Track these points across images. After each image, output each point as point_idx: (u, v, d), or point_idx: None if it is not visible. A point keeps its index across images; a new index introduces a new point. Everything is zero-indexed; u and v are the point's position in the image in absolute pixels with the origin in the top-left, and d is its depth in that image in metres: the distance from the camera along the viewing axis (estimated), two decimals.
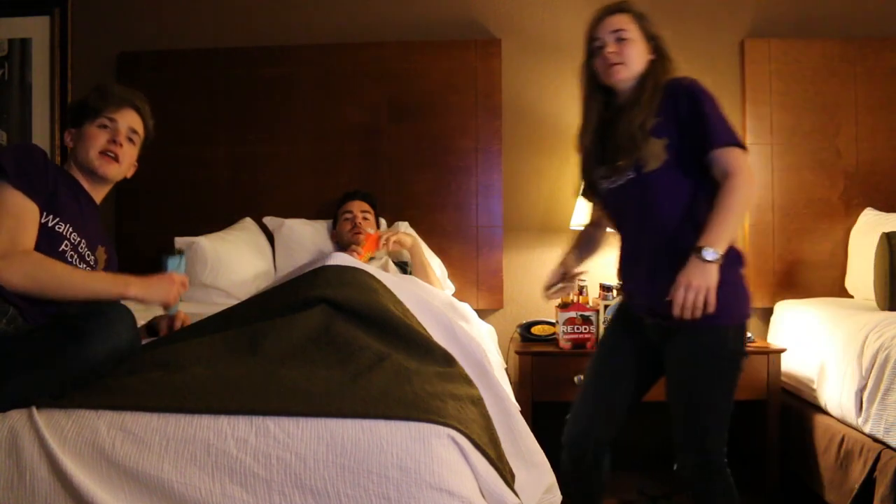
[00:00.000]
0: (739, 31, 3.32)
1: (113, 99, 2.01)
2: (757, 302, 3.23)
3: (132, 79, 3.39)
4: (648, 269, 1.95)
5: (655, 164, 1.92)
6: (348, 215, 3.04)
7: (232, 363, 1.48)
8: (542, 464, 1.66)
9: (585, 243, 2.28)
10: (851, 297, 3.12)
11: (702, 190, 1.91)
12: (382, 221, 3.21)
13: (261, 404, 1.35)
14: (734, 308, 1.91)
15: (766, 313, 3.26)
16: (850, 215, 3.20)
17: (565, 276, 2.17)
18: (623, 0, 2.10)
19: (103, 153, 1.98)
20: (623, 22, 2.05)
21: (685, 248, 1.82)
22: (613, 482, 2.34)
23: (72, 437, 1.31)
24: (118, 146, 1.99)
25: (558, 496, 1.71)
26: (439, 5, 3.42)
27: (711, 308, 1.78)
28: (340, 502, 1.26)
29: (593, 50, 2.08)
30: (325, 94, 3.38)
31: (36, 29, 3.48)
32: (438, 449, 1.30)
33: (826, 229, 3.22)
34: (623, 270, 2.10)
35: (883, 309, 2.61)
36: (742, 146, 1.90)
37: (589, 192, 2.22)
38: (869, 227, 3.04)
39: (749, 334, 2.84)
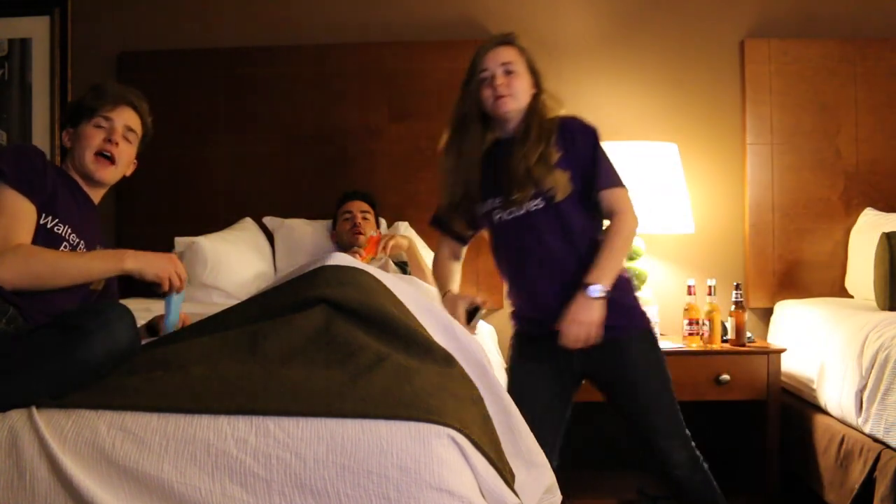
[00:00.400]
0: (739, 31, 3.32)
1: (109, 97, 1.99)
2: (757, 302, 3.24)
3: (132, 79, 3.38)
4: (567, 294, 1.99)
5: (563, 194, 2.02)
6: (348, 215, 3.04)
7: (232, 363, 1.48)
8: (542, 464, 1.66)
9: (451, 277, 2.26)
10: (851, 297, 3.12)
11: (596, 221, 2.10)
12: (382, 221, 3.20)
13: (261, 404, 1.35)
14: (642, 317, 2.09)
15: (766, 313, 3.27)
16: (850, 215, 3.20)
17: (473, 302, 2.13)
18: (510, 33, 2.15)
19: (99, 154, 1.96)
20: (512, 55, 2.10)
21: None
22: (613, 482, 2.34)
23: (72, 437, 1.31)
24: (114, 145, 1.97)
25: (558, 496, 1.71)
26: (439, 5, 3.42)
27: (593, 342, 1.95)
28: (340, 502, 1.26)
29: (480, 80, 2.11)
30: (324, 94, 3.38)
31: (36, 29, 3.48)
32: (438, 449, 1.30)
33: (826, 229, 3.22)
34: (528, 299, 2.12)
35: (883, 309, 2.61)
36: (625, 187, 2.08)
37: (455, 223, 2.23)
38: (869, 227, 3.04)
39: (749, 334, 2.85)
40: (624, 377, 2.05)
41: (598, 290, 1.93)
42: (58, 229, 1.84)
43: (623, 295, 2.04)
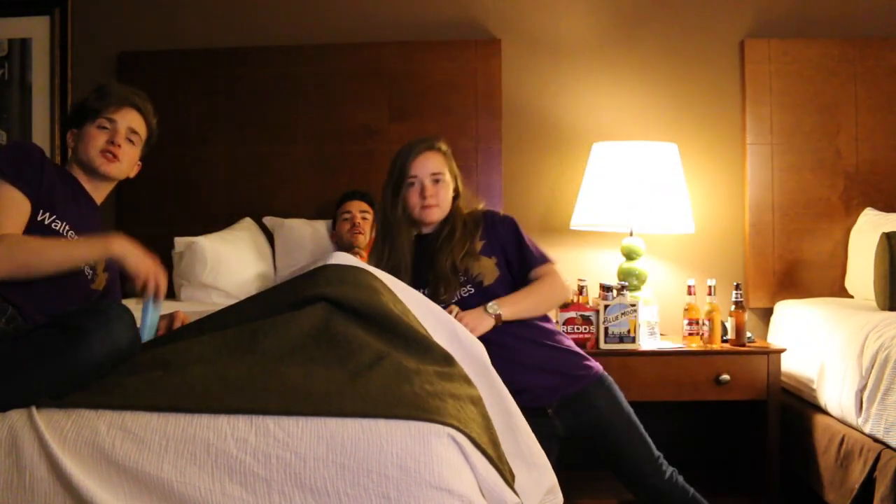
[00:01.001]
0: (739, 31, 3.32)
1: (112, 99, 2.00)
2: (757, 302, 3.24)
3: (132, 79, 3.38)
4: (523, 366, 2.11)
5: (492, 278, 2.17)
6: (347, 215, 3.04)
7: (231, 362, 1.48)
8: (543, 465, 1.66)
9: None
10: (851, 297, 3.12)
11: None
12: None
13: (260, 404, 1.35)
14: (590, 362, 2.20)
15: (766, 313, 3.26)
16: (850, 215, 3.20)
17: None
18: (435, 137, 2.30)
19: (104, 152, 1.97)
20: (439, 163, 2.24)
21: (540, 341, 2.16)
22: (613, 482, 2.34)
23: (72, 436, 1.31)
24: (117, 147, 1.97)
25: (559, 498, 1.71)
26: (439, 5, 3.42)
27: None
28: (340, 501, 1.26)
29: (406, 183, 2.22)
30: (325, 94, 3.38)
31: (36, 29, 3.47)
32: (438, 448, 1.30)
33: (826, 229, 3.22)
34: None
35: (883, 309, 2.60)
36: (553, 261, 2.25)
37: None
38: (869, 227, 3.04)
39: (749, 334, 2.85)
40: (598, 426, 2.16)
41: (494, 307, 2.09)
42: (55, 226, 1.84)
43: (561, 340, 2.21)
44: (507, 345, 2.09)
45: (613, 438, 2.15)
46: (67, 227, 1.87)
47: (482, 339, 1.93)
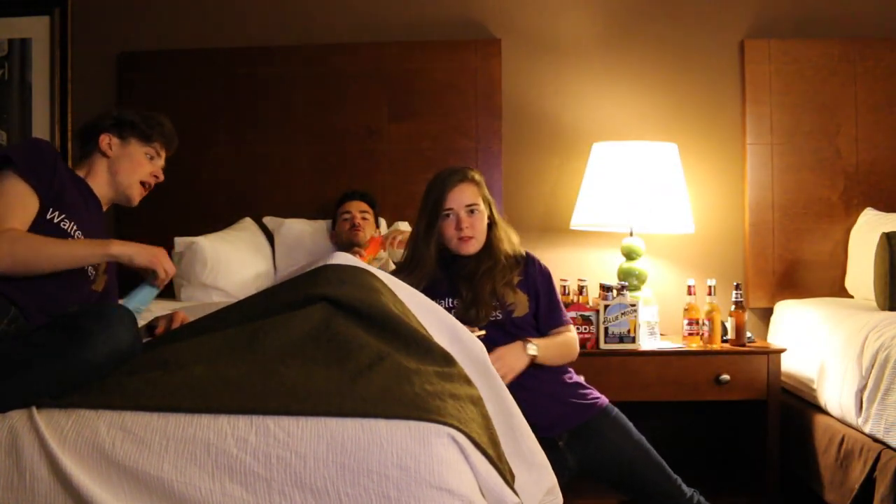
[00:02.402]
0: (739, 31, 3.32)
1: (167, 137, 2.09)
2: (757, 302, 3.24)
3: (132, 79, 3.40)
4: (532, 391, 2.10)
5: (522, 311, 2.22)
6: (346, 216, 3.03)
7: (231, 362, 1.48)
8: (543, 465, 1.66)
9: None
10: (851, 297, 3.12)
11: None
12: (382, 221, 3.20)
13: (261, 403, 1.35)
14: (594, 395, 2.23)
15: (766, 313, 3.26)
16: (850, 215, 3.20)
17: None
18: (468, 167, 2.31)
19: (142, 183, 2.05)
20: (474, 195, 2.25)
21: (549, 377, 2.19)
22: None
23: (72, 437, 1.31)
24: (154, 182, 2.08)
25: (559, 498, 1.71)
26: (439, 5, 3.42)
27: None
28: (341, 501, 1.26)
29: (442, 216, 2.24)
30: (325, 94, 3.38)
31: (36, 29, 3.47)
32: (438, 448, 1.30)
33: (826, 229, 3.22)
34: None
35: (883, 309, 2.60)
36: (570, 324, 2.32)
37: None
38: (869, 227, 3.04)
39: (749, 334, 2.85)
40: (609, 454, 2.18)
41: (534, 348, 2.13)
42: (64, 225, 1.85)
43: (570, 375, 2.26)
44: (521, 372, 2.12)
45: (627, 465, 2.17)
46: (75, 228, 1.88)
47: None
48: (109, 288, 2.01)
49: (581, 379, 2.28)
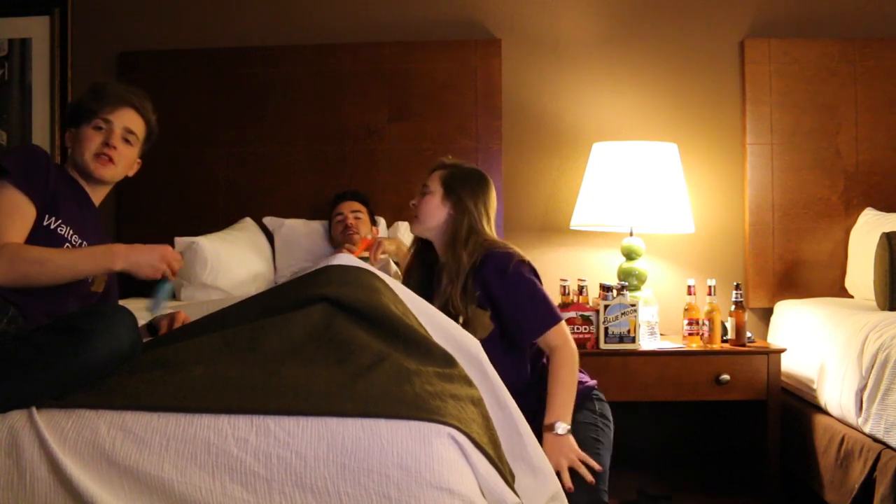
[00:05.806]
0: (739, 31, 3.32)
1: (108, 98, 1.97)
2: (757, 302, 3.24)
3: (132, 79, 3.39)
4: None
5: (484, 333, 1.99)
6: (339, 217, 3.03)
7: (232, 362, 1.48)
8: (547, 470, 1.65)
9: None
10: (851, 297, 3.12)
11: (525, 355, 2.06)
12: (382, 221, 3.20)
13: (261, 404, 1.35)
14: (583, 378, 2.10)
15: (766, 313, 3.27)
16: (850, 215, 3.20)
17: None
18: (459, 163, 2.26)
19: (98, 155, 1.95)
20: (433, 178, 2.21)
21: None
22: (613, 482, 2.34)
23: (72, 437, 1.31)
24: (112, 149, 1.95)
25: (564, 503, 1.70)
26: (439, 5, 3.42)
27: (598, 467, 1.89)
28: (341, 501, 1.26)
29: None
30: (325, 94, 3.38)
31: (36, 29, 3.47)
32: (439, 448, 1.30)
33: (826, 229, 3.22)
34: None
35: (883, 309, 2.61)
36: (559, 319, 2.03)
37: None
38: (869, 227, 3.04)
39: (749, 334, 2.85)
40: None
41: (563, 427, 1.92)
42: (60, 230, 1.84)
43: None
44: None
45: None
46: (72, 232, 1.87)
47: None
48: (110, 288, 2.01)
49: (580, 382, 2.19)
